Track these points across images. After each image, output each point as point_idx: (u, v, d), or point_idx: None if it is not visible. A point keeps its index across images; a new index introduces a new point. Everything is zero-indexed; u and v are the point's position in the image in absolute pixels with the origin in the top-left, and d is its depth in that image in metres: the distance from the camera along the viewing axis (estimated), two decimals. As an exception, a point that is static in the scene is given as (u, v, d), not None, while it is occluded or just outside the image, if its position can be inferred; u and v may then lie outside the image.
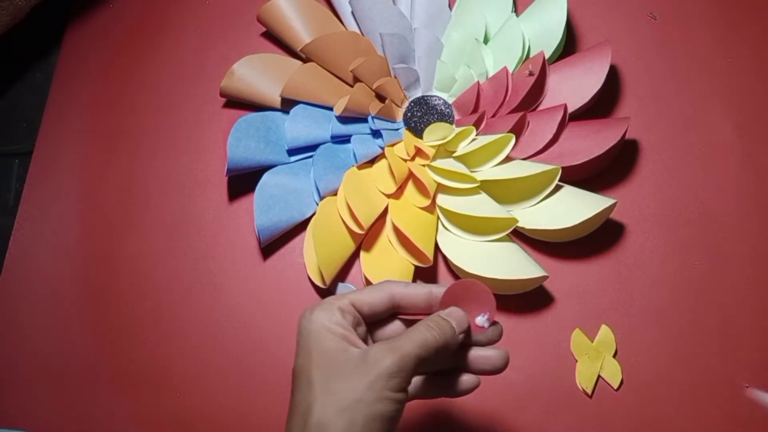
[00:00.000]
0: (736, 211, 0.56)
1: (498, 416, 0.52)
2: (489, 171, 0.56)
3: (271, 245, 0.58)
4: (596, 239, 0.55)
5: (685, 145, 0.58)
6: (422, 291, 0.41)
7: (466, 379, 0.42)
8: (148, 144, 0.63)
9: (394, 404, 0.36)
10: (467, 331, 0.40)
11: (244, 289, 0.57)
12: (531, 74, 0.56)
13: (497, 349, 0.41)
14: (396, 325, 0.42)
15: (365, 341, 0.40)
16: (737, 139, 0.58)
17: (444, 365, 0.42)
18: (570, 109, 0.56)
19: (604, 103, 0.59)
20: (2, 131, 0.66)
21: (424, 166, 0.57)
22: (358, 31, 0.62)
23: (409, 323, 0.42)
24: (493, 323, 0.41)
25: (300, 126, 0.59)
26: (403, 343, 0.37)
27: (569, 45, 0.61)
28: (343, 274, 0.56)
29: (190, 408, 0.54)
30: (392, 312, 0.41)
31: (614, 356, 0.52)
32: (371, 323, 0.41)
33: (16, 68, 0.68)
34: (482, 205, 0.54)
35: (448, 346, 0.39)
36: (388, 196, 0.57)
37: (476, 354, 0.41)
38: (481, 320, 0.41)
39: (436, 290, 0.41)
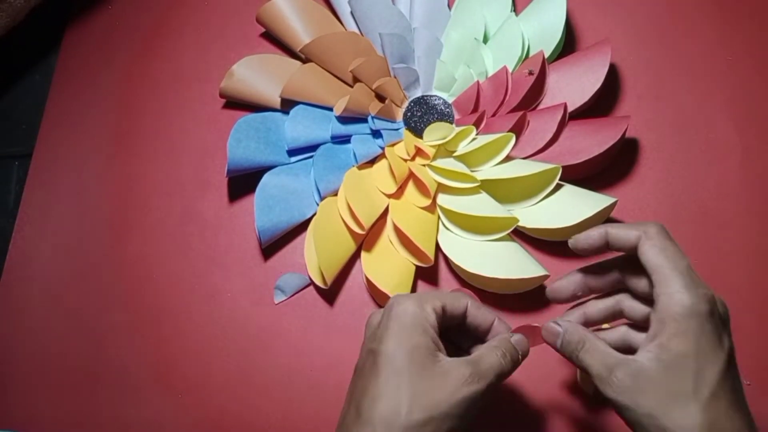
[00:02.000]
0: (736, 209, 0.56)
1: (498, 416, 0.52)
2: (489, 170, 0.56)
3: (271, 246, 0.58)
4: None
5: (685, 144, 0.58)
6: (491, 317, 0.44)
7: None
8: (148, 145, 0.63)
9: (467, 421, 0.39)
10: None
11: (244, 289, 0.57)
12: (531, 73, 0.56)
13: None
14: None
15: None
16: (737, 138, 0.58)
17: None
18: (570, 108, 0.56)
19: (604, 102, 0.59)
20: (2, 133, 0.66)
21: (424, 165, 0.57)
22: (357, 31, 0.62)
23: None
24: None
25: (300, 126, 0.59)
26: (486, 370, 0.40)
27: (569, 44, 0.61)
28: (343, 274, 0.56)
29: (190, 409, 0.54)
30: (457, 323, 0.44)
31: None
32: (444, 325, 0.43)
33: (15, 70, 0.68)
34: (483, 205, 0.54)
35: (510, 373, 0.42)
36: (389, 196, 0.57)
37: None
38: None
39: (498, 323, 0.44)
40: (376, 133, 0.59)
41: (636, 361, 0.37)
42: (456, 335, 0.45)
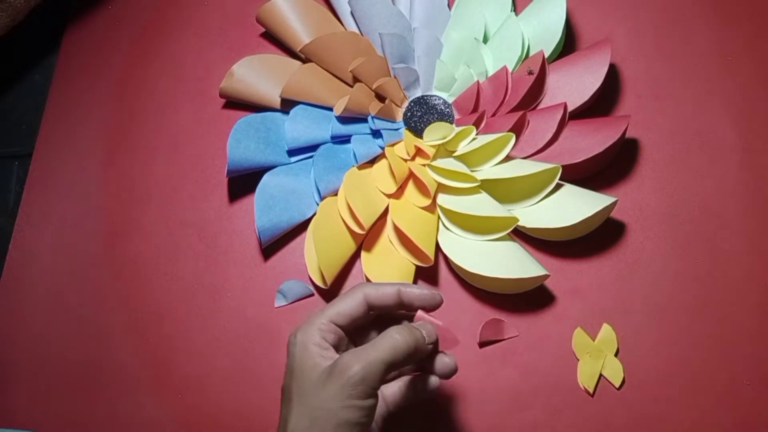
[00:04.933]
0: (736, 209, 0.56)
1: (499, 416, 0.52)
2: (489, 170, 0.56)
3: (271, 246, 0.58)
4: (597, 238, 0.55)
5: (685, 144, 0.58)
6: (391, 290, 0.43)
7: (434, 379, 0.44)
8: (148, 145, 0.63)
9: (360, 410, 0.38)
10: (435, 344, 0.43)
11: (245, 289, 0.57)
12: (531, 73, 0.56)
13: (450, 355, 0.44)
14: (374, 335, 0.45)
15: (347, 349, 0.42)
16: (737, 138, 0.58)
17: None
18: (570, 108, 0.56)
19: (603, 101, 0.59)
20: (1, 133, 0.66)
21: (424, 165, 0.57)
22: (357, 31, 0.62)
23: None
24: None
25: (300, 126, 0.59)
26: (370, 350, 0.39)
27: (568, 44, 0.61)
28: (344, 274, 0.56)
29: (191, 409, 0.54)
30: (370, 315, 0.43)
31: (616, 355, 0.52)
32: (353, 331, 0.43)
33: (15, 70, 0.68)
34: (483, 205, 0.54)
35: (417, 352, 0.41)
36: (389, 196, 0.57)
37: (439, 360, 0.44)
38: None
39: (404, 288, 0.43)
40: (376, 133, 0.59)
41: None
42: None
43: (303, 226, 0.58)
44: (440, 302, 0.43)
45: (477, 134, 0.57)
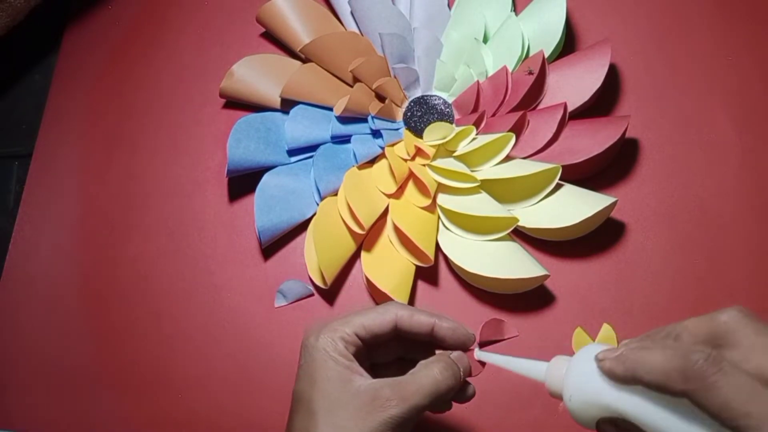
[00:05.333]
0: (736, 209, 0.56)
1: (499, 415, 0.52)
2: (489, 170, 0.56)
3: (271, 246, 0.58)
4: (597, 238, 0.55)
5: (685, 144, 0.58)
6: (427, 321, 0.41)
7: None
8: (148, 145, 0.63)
9: None
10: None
11: (245, 290, 0.57)
12: (530, 73, 0.56)
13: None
14: (394, 351, 0.43)
15: (363, 364, 0.40)
16: (737, 138, 0.58)
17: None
18: (570, 108, 0.56)
19: (604, 101, 0.59)
20: (1, 133, 0.66)
21: (424, 165, 0.57)
22: (357, 31, 0.62)
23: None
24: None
25: (300, 126, 0.58)
26: (414, 391, 0.37)
27: (568, 44, 0.61)
28: (343, 274, 0.56)
29: (191, 410, 0.54)
30: (394, 335, 0.41)
31: (616, 355, 0.52)
32: (372, 345, 0.41)
33: (14, 70, 0.68)
34: (483, 205, 0.54)
35: (452, 393, 0.39)
36: (389, 196, 0.57)
37: None
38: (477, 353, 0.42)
39: (439, 323, 0.41)
40: (376, 133, 0.59)
41: None
42: (413, 350, 0.43)
43: (303, 226, 0.58)
44: (472, 342, 0.42)
45: (477, 134, 0.57)
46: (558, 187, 0.54)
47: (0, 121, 0.66)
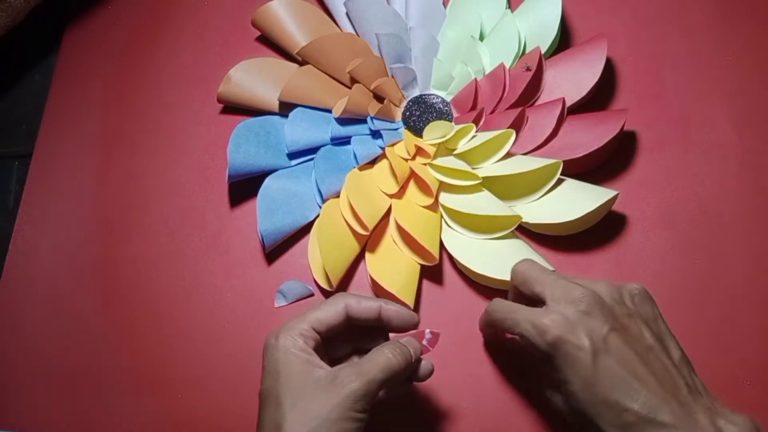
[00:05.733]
0: (736, 209, 0.56)
1: (499, 415, 0.51)
2: (490, 167, 0.56)
3: (274, 249, 0.57)
4: (598, 233, 0.55)
5: (685, 144, 0.58)
6: (374, 305, 0.45)
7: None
8: (148, 145, 0.63)
9: (357, 422, 0.40)
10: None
11: (246, 291, 0.57)
12: (528, 69, 0.56)
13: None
14: (348, 344, 0.47)
15: (323, 357, 0.43)
16: (737, 138, 0.58)
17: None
18: (568, 103, 0.56)
19: (601, 97, 0.59)
20: (1, 133, 0.66)
21: (425, 164, 0.57)
22: (353, 32, 0.62)
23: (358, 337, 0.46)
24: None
25: (299, 129, 0.59)
26: (369, 367, 0.41)
27: (564, 40, 0.61)
28: (349, 275, 0.56)
29: (191, 410, 0.54)
30: (346, 324, 0.45)
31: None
32: (328, 339, 0.44)
33: (15, 70, 0.68)
34: (486, 203, 0.54)
35: (407, 370, 0.44)
36: (391, 196, 0.57)
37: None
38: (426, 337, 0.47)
39: (385, 306, 0.45)
40: (376, 134, 0.59)
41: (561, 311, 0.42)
42: (366, 340, 0.47)
43: (306, 229, 0.58)
44: (416, 324, 0.46)
45: (476, 132, 0.57)
46: (559, 182, 0.54)
47: (0, 121, 0.67)
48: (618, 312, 0.43)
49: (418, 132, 0.59)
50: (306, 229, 0.57)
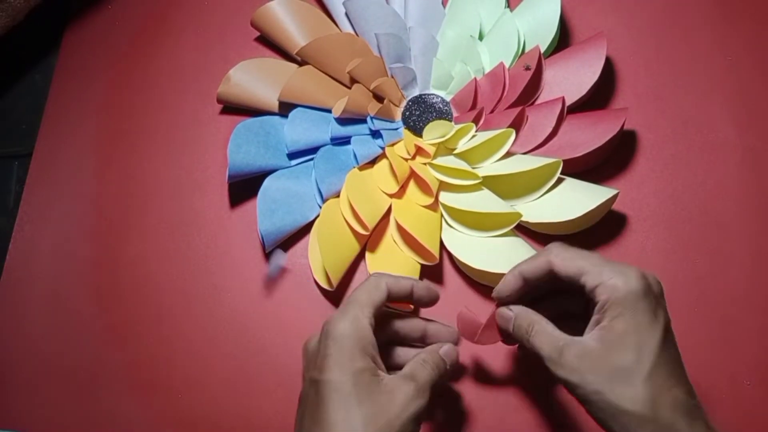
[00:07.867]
0: (736, 209, 0.56)
1: (499, 415, 0.51)
2: (490, 167, 0.56)
3: (274, 249, 0.57)
4: (598, 232, 0.55)
5: (685, 143, 0.58)
6: (408, 283, 0.46)
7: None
8: (148, 145, 0.63)
9: None
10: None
11: (246, 291, 0.57)
12: (527, 69, 0.56)
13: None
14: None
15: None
16: (737, 138, 0.58)
17: None
18: (568, 102, 0.56)
19: (600, 96, 0.59)
20: (1, 133, 0.66)
21: (425, 164, 0.57)
22: (352, 32, 0.62)
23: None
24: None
25: (299, 129, 0.59)
26: (423, 384, 0.42)
27: (564, 39, 0.61)
28: (349, 275, 0.56)
29: (191, 410, 0.54)
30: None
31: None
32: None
33: (14, 70, 0.68)
34: (486, 201, 0.54)
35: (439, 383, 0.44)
36: (391, 195, 0.57)
37: None
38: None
39: (416, 284, 0.46)
40: (376, 134, 0.59)
41: (582, 342, 0.40)
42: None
43: (305, 229, 0.58)
44: (438, 297, 0.48)
45: (476, 131, 0.57)
46: (559, 180, 0.54)
47: (0, 120, 0.67)
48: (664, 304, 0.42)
49: (418, 132, 0.59)
50: (306, 229, 0.58)
